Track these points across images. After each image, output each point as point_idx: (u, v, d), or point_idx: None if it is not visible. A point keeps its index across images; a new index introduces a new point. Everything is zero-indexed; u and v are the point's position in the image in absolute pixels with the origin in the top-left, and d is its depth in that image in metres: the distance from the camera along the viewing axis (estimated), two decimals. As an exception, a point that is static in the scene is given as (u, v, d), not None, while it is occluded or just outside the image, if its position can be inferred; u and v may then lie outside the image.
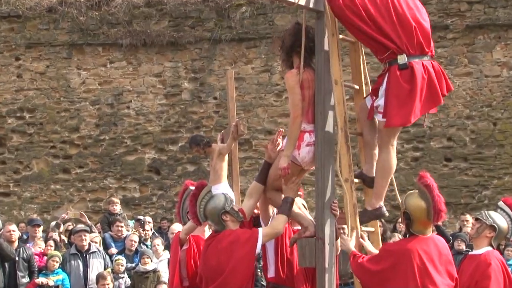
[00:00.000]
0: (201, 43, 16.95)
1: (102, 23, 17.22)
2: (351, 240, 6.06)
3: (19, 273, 11.25)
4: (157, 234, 13.50)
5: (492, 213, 6.76)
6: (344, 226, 6.52)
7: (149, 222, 13.72)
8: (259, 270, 9.16)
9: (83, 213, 14.13)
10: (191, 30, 17.02)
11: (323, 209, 6.11)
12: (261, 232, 6.14)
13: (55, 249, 11.99)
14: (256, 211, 6.73)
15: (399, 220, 12.27)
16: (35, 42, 17.30)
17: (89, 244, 11.51)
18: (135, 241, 12.24)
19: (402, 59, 5.97)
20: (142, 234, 13.06)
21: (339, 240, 6.32)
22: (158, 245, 11.97)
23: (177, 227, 10.40)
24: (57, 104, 17.19)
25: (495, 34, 16.06)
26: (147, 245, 12.66)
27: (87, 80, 17.19)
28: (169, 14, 17.19)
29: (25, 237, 13.07)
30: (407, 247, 5.77)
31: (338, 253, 6.38)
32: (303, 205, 6.72)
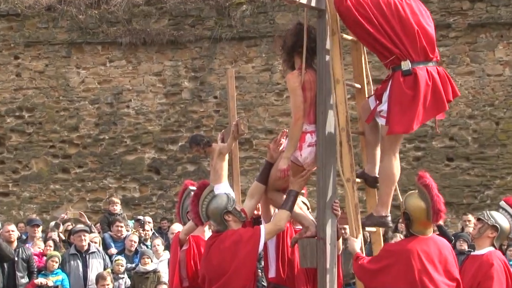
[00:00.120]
0: (201, 41, 16.95)
1: (102, 22, 17.23)
2: (357, 241, 6.06)
3: (18, 274, 11.24)
4: (157, 234, 13.50)
5: (494, 213, 6.77)
6: (345, 226, 6.53)
7: (149, 222, 13.72)
8: (260, 270, 9.16)
9: (82, 213, 14.13)
10: (191, 28, 17.02)
11: (324, 209, 6.11)
12: (263, 230, 6.14)
13: (55, 249, 12.00)
14: (256, 212, 6.74)
15: (400, 220, 12.26)
16: (34, 40, 17.31)
17: (89, 244, 11.50)
18: (135, 241, 12.24)
19: (406, 65, 5.96)
20: (142, 234, 13.06)
21: (340, 240, 6.32)
22: (158, 245, 11.97)
23: (177, 227, 10.40)
24: (56, 103, 17.20)
25: (497, 33, 16.05)
26: (147, 245, 12.66)
27: (86, 79, 17.20)
28: (169, 12, 17.19)
29: (24, 237, 13.08)
30: (407, 247, 5.78)
31: (340, 253, 6.39)
32: (305, 203, 6.72)
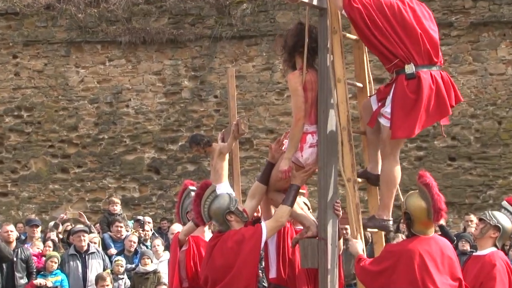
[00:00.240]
0: (201, 40, 16.96)
1: (101, 21, 17.23)
2: (358, 242, 6.05)
3: (17, 274, 11.24)
4: (157, 235, 13.50)
5: (496, 213, 6.76)
6: (347, 226, 6.52)
7: (148, 223, 13.72)
8: (260, 271, 9.16)
9: (82, 213, 14.13)
10: (191, 27, 17.02)
11: (325, 209, 6.11)
12: (264, 227, 6.15)
13: (54, 250, 12.00)
14: (256, 214, 6.74)
15: (402, 220, 12.26)
16: (32, 39, 17.32)
17: (88, 244, 11.50)
18: (134, 242, 12.23)
19: (410, 69, 5.94)
20: (142, 235, 13.07)
21: (341, 240, 6.31)
22: (158, 245, 11.97)
23: (177, 228, 10.38)
24: (55, 102, 17.21)
25: (500, 32, 16.05)
26: (147, 246, 12.66)
27: (85, 78, 17.20)
28: (168, 11, 17.20)
29: (23, 237, 13.08)
30: (408, 247, 5.77)
31: (341, 253, 6.39)
32: (306, 204, 6.72)
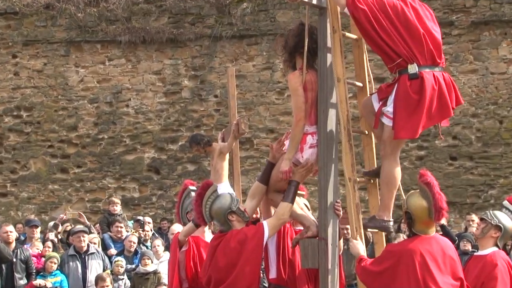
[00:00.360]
0: (201, 40, 16.96)
1: (101, 20, 17.24)
2: (359, 243, 6.05)
3: (17, 275, 11.24)
4: (157, 235, 13.50)
5: (498, 212, 6.77)
6: (347, 226, 6.52)
7: (148, 223, 13.72)
8: (261, 271, 9.16)
9: (81, 213, 14.13)
10: (191, 26, 17.02)
11: (326, 209, 6.11)
12: (266, 225, 6.17)
13: (53, 250, 12.00)
14: (255, 216, 6.75)
15: (403, 220, 12.24)
16: (32, 39, 17.32)
17: (88, 245, 11.50)
18: (134, 242, 12.23)
19: (413, 69, 5.93)
20: (142, 235, 13.07)
21: (341, 240, 6.31)
22: (158, 246, 11.97)
23: (177, 228, 10.40)
24: (54, 102, 17.21)
25: (501, 31, 16.04)
26: (147, 246, 12.67)
27: (85, 78, 17.20)
28: (168, 10, 17.20)
29: (22, 238, 13.09)
30: (409, 247, 5.77)
31: (341, 253, 6.39)
32: (306, 205, 6.72)
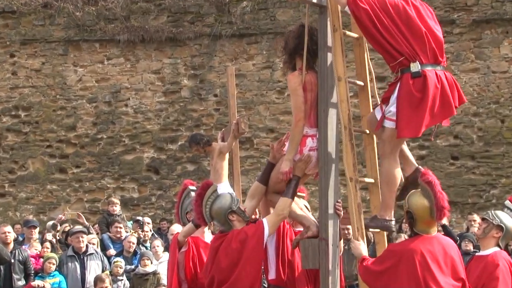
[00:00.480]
0: (201, 39, 16.96)
1: (99, 19, 17.24)
2: (361, 244, 6.05)
3: (15, 276, 11.23)
4: (156, 235, 13.50)
5: (499, 212, 6.77)
6: (348, 226, 6.52)
7: (148, 223, 13.72)
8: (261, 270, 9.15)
9: (80, 214, 14.13)
10: (190, 25, 17.02)
11: (326, 209, 6.11)
12: (266, 223, 6.17)
13: (52, 251, 12.00)
14: (254, 216, 6.74)
15: (404, 220, 12.25)
16: (30, 38, 17.32)
17: (87, 245, 11.50)
18: (133, 243, 12.23)
19: (415, 67, 5.93)
20: (141, 235, 13.06)
21: (341, 241, 6.31)
22: (157, 246, 11.97)
23: (176, 228, 10.39)
24: (53, 102, 17.21)
25: (502, 29, 16.04)
26: (146, 247, 12.66)
27: (83, 77, 17.20)
28: (167, 9, 17.20)
29: (20, 238, 13.08)
30: (410, 247, 5.77)
31: (341, 254, 6.39)
32: (306, 206, 6.72)
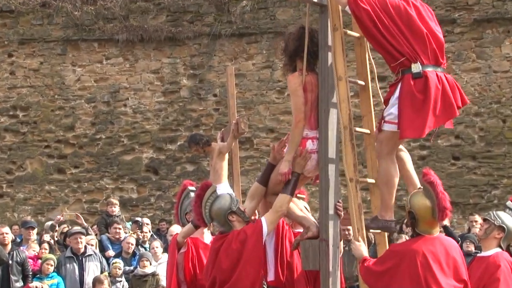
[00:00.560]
0: (200, 38, 16.95)
1: (98, 18, 17.23)
2: (362, 245, 6.04)
3: (13, 277, 11.22)
4: (155, 236, 13.49)
5: (501, 213, 6.77)
6: (349, 227, 6.51)
7: (147, 224, 13.71)
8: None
9: (79, 214, 14.12)
10: (189, 25, 17.01)
11: (327, 210, 6.10)
12: (264, 221, 6.18)
13: (50, 252, 11.99)
14: (253, 218, 6.73)
15: (405, 221, 12.22)
16: (28, 38, 17.31)
17: (85, 247, 11.49)
18: (132, 244, 12.23)
19: (416, 68, 5.93)
20: (140, 236, 13.06)
21: (342, 242, 6.30)
22: (156, 247, 11.97)
23: (175, 229, 10.40)
24: (51, 102, 17.20)
25: (504, 28, 16.03)
26: (145, 248, 12.66)
27: (82, 77, 17.19)
28: (167, 8, 17.19)
29: (18, 240, 13.08)
30: (412, 247, 5.77)
31: (341, 255, 6.38)
32: (305, 207, 6.71)
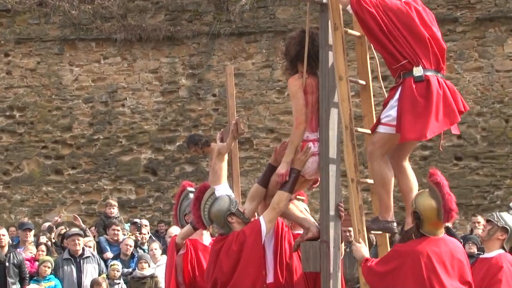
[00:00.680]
0: (199, 37, 16.95)
1: (95, 17, 17.23)
2: (363, 246, 6.02)
3: (10, 280, 11.24)
4: (154, 238, 13.49)
5: (504, 214, 6.78)
6: (350, 228, 6.50)
7: (145, 225, 13.72)
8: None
9: (77, 216, 14.12)
10: (188, 24, 17.01)
11: (328, 211, 6.09)
12: (262, 220, 6.16)
13: (47, 254, 11.99)
14: (253, 219, 6.73)
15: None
16: (25, 37, 17.31)
17: (83, 248, 11.50)
18: (131, 246, 12.23)
19: (418, 71, 5.91)
20: (139, 238, 13.06)
21: (343, 243, 6.29)
22: (155, 249, 11.97)
23: (174, 230, 10.39)
24: (48, 102, 17.20)
25: (506, 27, 16.04)
26: (143, 249, 12.66)
27: (80, 77, 17.19)
28: (165, 7, 17.19)
29: (15, 241, 13.08)
30: (416, 248, 5.76)
31: (342, 257, 6.37)
32: (305, 209, 6.70)
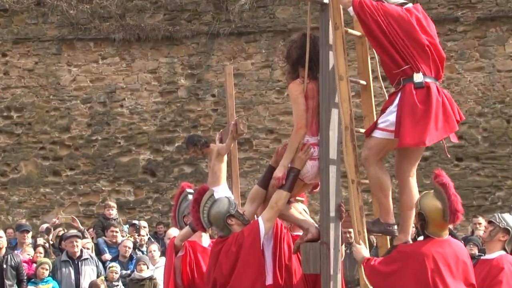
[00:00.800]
0: (198, 37, 16.95)
1: (94, 17, 17.23)
2: (363, 248, 6.03)
3: (7, 282, 11.23)
4: (153, 240, 13.49)
5: (506, 215, 6.79)
6: (350, 230, 6.50)
7: (144, 227, 13.72)
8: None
9: (75, 217, 14.11)
10: (187, 23, 17.01)
11: (328, 212, 6.09)
12: (261, 220, 6.16)
13: (45, 256, 11.99)
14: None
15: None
16: (22, 37, 17.30)
17: (81, 250, 11.49)
18: (129, 247, 12.23)
19: (419, 78, 5.94)
20: (137, 240, 13.06)
21: (343, 245, 6.29)
22: (154, 251, 11.97)
23: (173, 232, 10.39)
24: (46, 102, 17.19)
25: (507, 27, 16.04)
26: (142, 251, 12.65)
27: (78, 77, 17.19)
28: (164, 7, 17.19)
29: (13, 243, 13.07)
30: (421, 249, 5.76)
31: (343, 259, 6.37)
32: (305, 210, 6.71)
